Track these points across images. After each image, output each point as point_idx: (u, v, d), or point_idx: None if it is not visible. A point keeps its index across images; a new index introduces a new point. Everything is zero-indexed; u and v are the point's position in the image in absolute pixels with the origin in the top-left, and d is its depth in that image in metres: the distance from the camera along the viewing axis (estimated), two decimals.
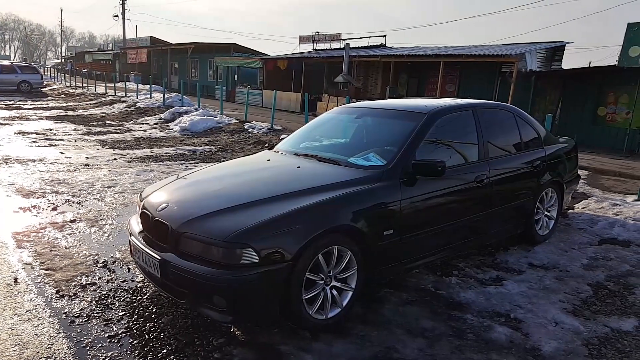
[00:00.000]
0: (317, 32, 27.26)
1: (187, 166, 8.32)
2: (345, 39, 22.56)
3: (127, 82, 25.47)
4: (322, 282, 3.05)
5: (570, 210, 5.83)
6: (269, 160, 4.01)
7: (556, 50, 16.84)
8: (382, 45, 24.16)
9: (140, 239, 3.30)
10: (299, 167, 3.69)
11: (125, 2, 47.57)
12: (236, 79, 27.50)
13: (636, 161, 10.75)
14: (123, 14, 47.33)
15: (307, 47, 27.74)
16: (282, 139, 4.85)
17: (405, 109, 4.13)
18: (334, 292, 3.12)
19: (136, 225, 3.50)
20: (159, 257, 2.98)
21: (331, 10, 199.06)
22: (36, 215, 5.24)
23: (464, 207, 3.92)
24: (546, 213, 4.90)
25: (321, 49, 26.26)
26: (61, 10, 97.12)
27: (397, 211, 3.35)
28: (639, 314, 3.50)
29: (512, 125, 4.54)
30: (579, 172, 6.04)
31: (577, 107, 15.37)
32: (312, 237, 2.88)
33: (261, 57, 26.16)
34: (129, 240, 3.45)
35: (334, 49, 24.70)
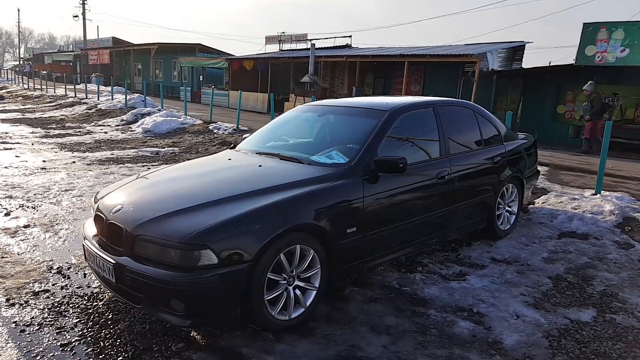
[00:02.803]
0: (283, 32, 27.21)
1: (148, 168, 8.11)
2: (311, 40, 22.55)
3: (88, 84, 24.76)
4: (285, 282, 2.99)
5: (530, 205, 5.94)
6: (230, 159, 3.93)
7: (516, 50, 17.24)
8: (348, 46, 24.26)
9: (95, 242, 3.18)
10: (260, 165, 3.62)
11: (85, 2, 46.29)
12: (201, 79, 27.10)
13: (593, 157, 11.07)
14: (83, 14, 46.08)
15: (274, 48, 27.60)
16: (245, 137, 4.77)
17: (367, 107, 4.11)
18: (297, 292, 3.07)
19: (91, 228, 3.37)
20: (113, 261, 2.87)
21: (297, 10, 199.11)
22: None
23: (426, 203, 3.93)
24: (507, 208, 4.98)
25: (287, 50, 26.16)
26: (18, 10, 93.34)
27: (360, 208, 3.33)
28: (596, 305, 3.58)
29: (472, 122, 4.59)
30: (539, 167, 6.17)
31: (538, 105, 15.79)
32: (273, 237, 2.82)
33: (227, 58, 25.88)
34: (83, 245, 3.31)
35: (300, 49, 24.65)
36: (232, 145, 4.49)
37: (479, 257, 4.46)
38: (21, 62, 61.05)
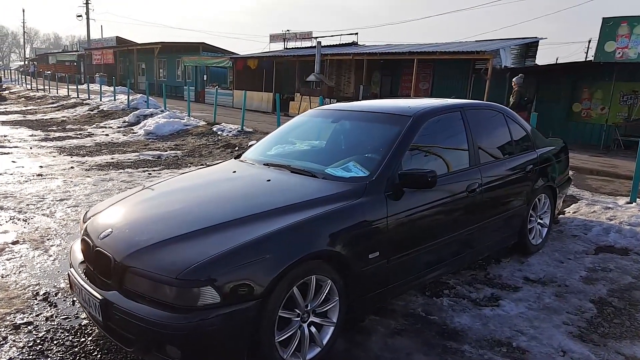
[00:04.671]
0: (288, 30, 26.73)
1: (150, 174, 7.73)
2: (317, 37, 22.09)
3: (90, 84, 24.43)
4: (299, 319, 2.58)
5: (560, 215, 5.49)
6: (234, 172, 3.51)
7: (529, 47, 16.75)
8: (354, 43, 23.79)
9: (81, 271, 2.78)
10: (269, 180, 3.20)
11: (89, 1, 46.01)
12: (205, 79, 26.71)
13: (615, 158, 10.61)
14: (87, 13, 45.80)
15: (278, 46, 27.18)
16: (251, 145, 4.35)
17: (387, 111, 3.69)
18: (313, 329, 2.66)
19: (78, 253, 2.97)
20: (100, 297, 2.46)
21: (301, 9, 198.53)
22: None
23: (456, 220, 3.49)
24: (539, 221, 4.54)
25: (292, 48, 25.74)
26: (23, 10, 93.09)
27: (384, 230, 2.90)
28: None
29: (502, 127, 4.15)
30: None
31: (552, 103, 15.27)
32: (286, 267, 2.41)
33: (231, 57, 25.47)
34: (69, 274, 2.90)
35: (306, 48, 24.21)
36: (237, 154, 4.06)
37: (511, 276, 4.03)
38: (26, 63, 60.91)
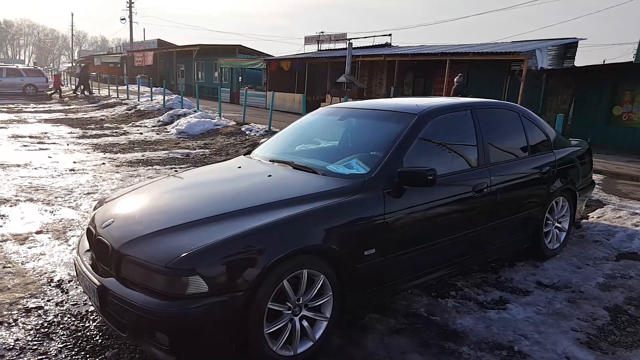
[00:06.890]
0: (322, 32, 26.80)
1: (176, 171, 7.91)
2: (350, 39, 22.07)
3: (130, 85, 25.19)
4: (290, 312, 2.60)
5: (584, 220, 5.30)
6: (239, 167, 3.56)
7: (568, 47, 16.20)
8: (387, 45, 23.63)
9: (86, 259, 2.89)
10: (269, 175, 3.23)
11: (132, 5, 47.50)
12: (240, 80, 27.10)
13: None
14: (130, 17, 47.28)
15: (313, 48, 27.29)
16: (262, 142, 4.40)
17: (393, 109, 3.66)
18: (305, 323, 2.66)
19: (86, 241, 3.08)
20: (97, 283, 2.56)
21: (338, 10, 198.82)
22: (0, 226, 4.84)
23: (460, 220, 3.43)
24: (556, 224, 4.39)
25: (326, 49, 25.79)
26: (72, 14, 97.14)
27: (380, 227, 2.88)
28: None
29: (517, 127, 4.04)
30: (594, 177, 5.50)
31: (591, 106, 14.72)
32: (275, 260, 2.43)
33: (264, 59, 25.76)
34: (74, 260, 3.02)
35: (339, 49, 24.22)
36: (246, 151, 4.11)
37: (523, 280, 3.92)
38: (73, 65, 63.45)
